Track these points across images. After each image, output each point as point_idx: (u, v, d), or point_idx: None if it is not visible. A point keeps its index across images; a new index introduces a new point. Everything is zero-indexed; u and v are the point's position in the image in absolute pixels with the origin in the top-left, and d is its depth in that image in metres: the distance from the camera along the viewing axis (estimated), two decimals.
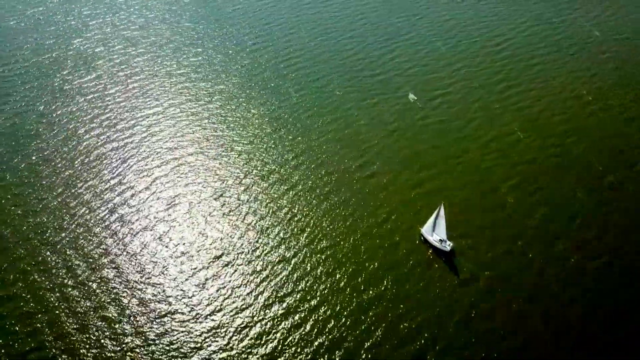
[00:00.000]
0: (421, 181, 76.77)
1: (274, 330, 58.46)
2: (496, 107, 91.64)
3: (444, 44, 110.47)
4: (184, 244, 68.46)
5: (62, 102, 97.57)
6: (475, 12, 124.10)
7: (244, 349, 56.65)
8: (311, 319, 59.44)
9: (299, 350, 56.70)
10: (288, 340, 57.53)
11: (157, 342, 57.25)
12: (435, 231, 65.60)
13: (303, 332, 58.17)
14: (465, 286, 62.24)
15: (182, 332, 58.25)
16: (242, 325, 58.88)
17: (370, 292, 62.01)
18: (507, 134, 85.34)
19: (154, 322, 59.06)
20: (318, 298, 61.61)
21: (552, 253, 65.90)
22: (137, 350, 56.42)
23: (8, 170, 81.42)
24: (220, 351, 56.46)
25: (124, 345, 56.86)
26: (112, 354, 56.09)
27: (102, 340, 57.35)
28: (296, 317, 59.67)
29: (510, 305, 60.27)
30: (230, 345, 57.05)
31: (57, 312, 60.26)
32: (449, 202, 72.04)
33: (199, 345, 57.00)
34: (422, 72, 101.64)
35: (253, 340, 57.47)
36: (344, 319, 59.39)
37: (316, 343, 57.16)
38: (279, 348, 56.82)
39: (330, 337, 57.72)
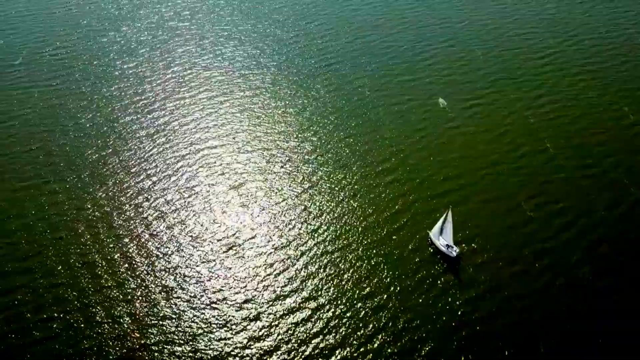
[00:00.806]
0: (443, 191, 74.57)
1: (274, 327, 58.08)
2: (531, 121, 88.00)
3: (483, 52, 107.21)
4: (197, 232, 69.25)
5: (102, 86, 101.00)
6: (522, 23, 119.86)
7: (240, 342, 56.58)
8: (312, 320, 58.72)
9: (295, 348, 56.14)
10: (286, 339, 57.05)
11: (156, 325, 58.10)
12: (442, 236, 64.27)
13: (302, 333, 57.54)
14: (475, 303, 59.86)
15: (182, 318, 58.81)
16: (243, 318, 58.81)
17: (375, 300, 60.67)
18: (540, 150, 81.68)
19: (156, 306, 59.97)
20: (322, 300, 60.86)
21: (571, 278, 62.52)
22: (135, 332, 57.44)
23: (43, 148, 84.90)
24: (218, 341, 56.65)
25: (122, 326, 57.99)
26: (110, 333, 57.29)
27: (102, 320, 58.75)
28: (297, 316, 59.09)
29: (518, 328, 57.51)
30: (228, 336, 57.13)
31: (65, 288, 62.17)
32: (470, 215, 69.88)
33: (197, 332, 57.39)
34: (457, 79, 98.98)
35: (251, 333, 57.30)
36: (346, 323, 58.36)
37: (314, 343, 56.42)
38: (276, 345, 56.41)
39: (329, 340, 56.83)
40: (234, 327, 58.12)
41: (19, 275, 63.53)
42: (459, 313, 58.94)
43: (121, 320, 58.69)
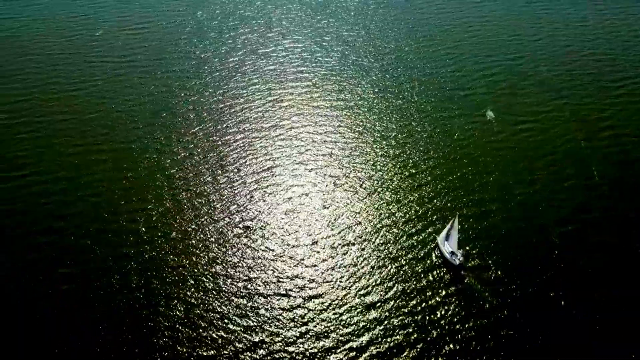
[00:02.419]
0: (469, 206, 71.25)
1: (269, 320, 58.47)
2: (583, 145, 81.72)
3: (551, 71, 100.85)
4: (216, 213, 71.26)
5: (165, 65, 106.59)
6: (604, 46, 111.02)
7: (234, 331, 57.56)
8: (310, 320, 58.35)
9: (286, 343, 56.30)
10: (279, 333, 57.21)
11: (149, 302, 60.73)
12: (448, 242, 62.89)
13: (297, 332, 57.36)
14: (470, 316, 57.12)
15: (174, 300, 60.93)
16: (237, 306, 59.65)
17: (376, 305, 59.21)
18: (590, 185, 74.75)
19: (155, 282, 62.56)
20: (323, 300, 60.43)
21: (589, 308, 57.54)
22: (131, 305, 60.58)
23: (101, 117, 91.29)
24: (213, 329, 58.01)
25: (125, 297, 61.16)
26: (106, 303, 60.56)
27: (97, 291, 62.52)
28: (295, 314, 58.72)
29: (511, 343, 54.03)
30: (217, 317, 58.38)
31: (82, 253, 66.72)
32: (489, 231, 66.97)
33: (189, 315, 59.24)
34: (514, 96, 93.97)
35: (246, 323, 58.05)
36: (342, 325, 57.57)
37: (307, 342, 56.29)
38: (269, 339, 56.70)
39: (326, 344, 56.38)
40: (230, 315, 59.14)
41: (53, 233, 68.70)
42: (453, 323, 56.60)
43: (126, 290, 61.94)
